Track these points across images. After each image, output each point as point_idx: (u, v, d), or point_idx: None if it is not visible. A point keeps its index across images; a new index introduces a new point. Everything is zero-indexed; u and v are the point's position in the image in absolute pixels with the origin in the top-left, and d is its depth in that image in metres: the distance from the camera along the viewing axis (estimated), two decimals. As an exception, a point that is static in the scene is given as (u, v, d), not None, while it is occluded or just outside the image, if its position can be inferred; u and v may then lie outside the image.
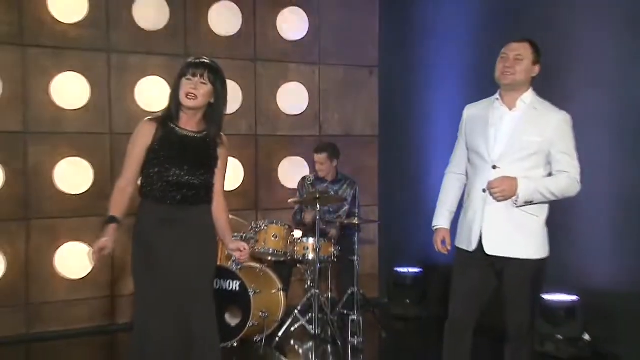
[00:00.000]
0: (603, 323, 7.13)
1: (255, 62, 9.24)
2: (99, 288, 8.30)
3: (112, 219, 4.63)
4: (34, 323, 8.06)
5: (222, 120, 4.90)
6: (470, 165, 5.20)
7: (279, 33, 9.38)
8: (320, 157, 8.35)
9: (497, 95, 5.11)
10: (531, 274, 4.96)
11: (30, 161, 8.03)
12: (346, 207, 8.32)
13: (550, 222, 4.99)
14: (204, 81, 4.67)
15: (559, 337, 7.12)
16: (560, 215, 6.94)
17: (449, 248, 5.29)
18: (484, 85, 5.40)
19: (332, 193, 8.24)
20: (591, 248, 7.29)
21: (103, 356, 7.96)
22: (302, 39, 9.52)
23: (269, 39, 9.33)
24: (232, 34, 9.07)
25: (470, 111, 5.27)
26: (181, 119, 4.76)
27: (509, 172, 4.84)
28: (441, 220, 5.30)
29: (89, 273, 7.98)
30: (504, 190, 4.76)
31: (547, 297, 7.22)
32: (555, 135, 4.89)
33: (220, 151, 4.90)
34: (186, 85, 4.66)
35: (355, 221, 7.94)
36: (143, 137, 4.72)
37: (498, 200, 4.83)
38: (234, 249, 5.05)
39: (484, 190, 4.90)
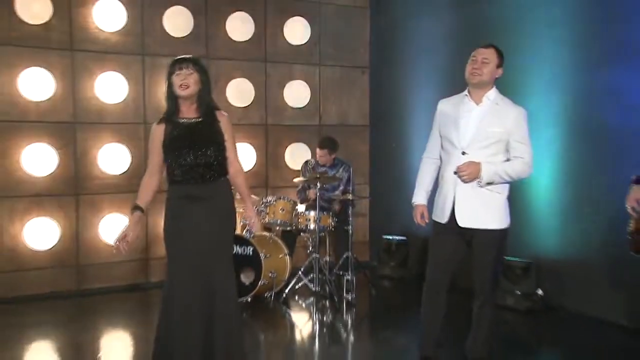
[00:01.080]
0: (552, 281, 7.35)
1: (265, 63, 9.32)
2: (135, 252, 8.33)
3: (137, 208, 4.74)
4: (83, 281, 8.26)
5: (210, 99, 4.91)
6: (443, 151, 5.26)
7: (285, 39, 9.45)
8: (322, 152, 8.39)
9: (466, 92, 5.18)
10: (495, 242, 5.07)
11: (79, 147, 8.17)
12: (342, 187, 8.33)
13: (512, 199, 5.10)
14: (190, 72, 4.71)
15: (517, 292, 7.34)
16: (520, 194, 7.23)
17: (427, 221, 5.36)
18: (456, 84, 5.48)
19: (330, 175, 8.27)
20: (544, 220, 7.48)
21: (139, 308, 7.92)
22: (304, 44, 9.57)
23: (277, 43, 9.40)
24: (246, 39, 9.15)
25: (443, 105, 5.34)
26: (181, 111, 4.80)
27: (475, 157, 4.95)
28: (419, 197, 5.38)
29: (125, 250, 8.07)
30: (470, 173, 4.89)
31: (508, 259, 7.35)
32: (513, 127, 4.99)
33: (222, 125, 4.88)
34: (177, 79, 4.70)
35: (350, 197, 8.00)
36: (156, 138, 4.79)
37: (465, 182, 4.95)
38: (248, 217, 5.10)
39: (455, 173, 5.01)
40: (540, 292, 7.41)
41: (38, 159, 7.98)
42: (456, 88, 5.38)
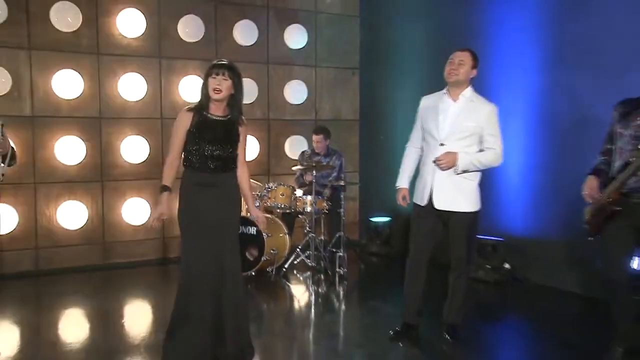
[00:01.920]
0: (518, 256, 7.50)
1: (268, 65, 9.37)
2: (154, 231, 8.43)
3: (165, 188, 4.71)
4: (108, 256, 8.38)
5: (241, 105, 4.86)
6: (424, 142, 5.34)
7: (285, 43, 9.50)
8: (317, 137, 8.43)
9: (445, 90, 5.28)
10: (468, 222, 5.20)
11: (104, 139, 8.27)
12: (335, 174, 8.35)
13: (485, 185, 5.23)
14: (225, 78, 4.67)
15: (488, 266, 7.48)
16: (492, 180, 7.36)
17: (408, 202, 5.45)
18: (436, 82, 5.53)
19: (324, 163, 8.31)
20: (512, 204, 7.61)
21: (158, 281, 7.94)
22: (302, 47, 9.62)
23: (278, 47, 9.45)
24: (250, 44, 9.20)
25: (425, 102, 5.42)
26: (211, 107, 4.75)
27: (452, 148, 5.07)
28: (402, 182, 5.47)
29: (147, 221, 8.08)
30: (447, 162, 5.03)
31: (480, 237, 7.35)
32: (486, 122, 5.11)
33: (241, 129, 4.86)
34: (212, 83, 4.67)
35: (342, 183, 8.06)
36: (183, 123, 4.73)
37: (443, 169, 5.08)
38: (255, 216, 5.20)
39: (434, 162, 5.13)
40: (507, 266, 7.52)
41: (69, 150, 8.07)
42: (436, 86, 5.45)
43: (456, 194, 5.17)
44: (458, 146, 5.11)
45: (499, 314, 6.65)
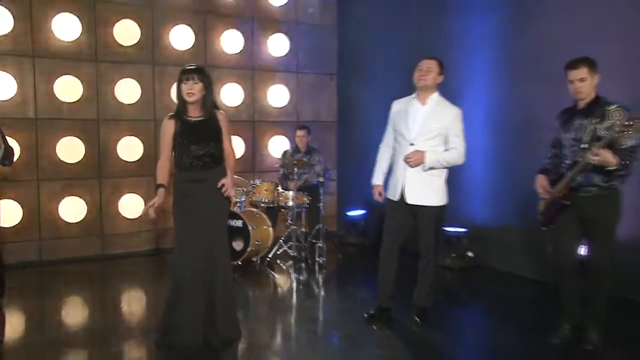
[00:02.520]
0: (480, 245, 7.61)
1: (253, 71, 9.38)
2: (148, 224, 8.45)
3: (160, 185, 4.74)
4: (106, 247, 8.38)
5: (213, 103, 4.88)
6: (396, 142, 5.42)
7: (269, 51, 9.50)
8: (301, 132, 8.52)
9: (414, 95, 5.38)
10: (436, 215, 5.32)
11: (101, 139, 8.26)
12: (318, 167, 8.35)
13: (451, 181, 5.32)
14: (195, 82, 4.69)
15: (453, 255, 7.59)
16: (457, 176, 7.41)
17: (384, 197, 5.54)
18: (406, 87, 5.58)
19: (307, 159, 8.34)
20: (475, 197, 7.72)
21: (152, 269, 7.94)
22: (284, 55, 9.63)
23: (262, 55, 9.46)
24: (237, 51, 9.21)
25: (396, 105, 5.50)
26: (188, 110, 4.77)
27: (421, 147, 5.18)
28: (378, 179, 5.55)
29: (142, 215, 7.86)
30: (416, 160, 5.14)
31: (446, 229, 7.50)
32: (450, 123, 5.23)
33: (221, 122, 4.88)
34: (185, 88, 4.69)
35: (321, 180, 8.10)
36: (168, 130, 4.79)
37: (412, 167, 5.19)
38: (231, 195, 5.00)
39: (404, 159, 5.24)
40: (470, 254, 7.64)
41: (69, 149, 8.07)
42: (406, 91, 5.53)
43: (426, 190, 5.26)
44: (426, 146, 5.21)
45: (463, 298, 6.72)
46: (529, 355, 4.91)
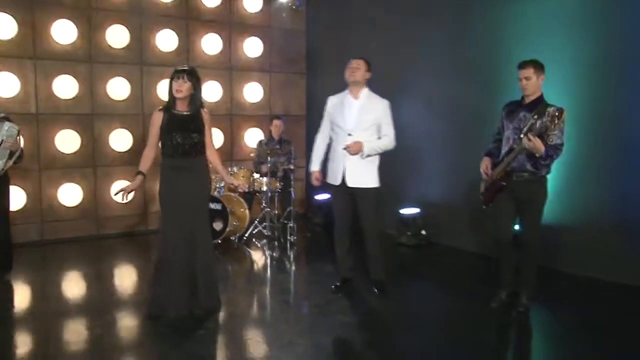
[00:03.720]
0: (433, 224, 7.70)
1: (231, 70, 9.38)
2: (137, 207, 8.55)
3: (139, 172, 4.81)
4: (100, 228, 8.38)
5: (200, 101, 4.89)
6: (333, 132, 5.47)
7: (245, 52, 9.50)
8: (278, 122, 8.47)
9: (347, 91, 5.45)
10: (373, 196, 5.38)
11: (95, 131, 8.24)
12: (291, 157, 8.23)
13: (407, 166, 5.38)
14: (185, 81, 4.72)
15: (408, 233, 7.65)
16: (414, 161, 7.55)
17: (320, 183, 5.60)
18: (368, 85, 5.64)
19: (278, 147, 8.33)
20: (429, 179, 7.83)
21: (140, 248, 7.90)
22: (259, 56, 9.62)
23: (239, 56, 9.46)
24: (216, 53, 9.20)
25: (332, 100, 5.56)
26: (177, 105, 4.81)
27: (358, 137, 5.24)
28: (315, 166, 5.60)
29: (132, 199, 8.01)
30: (355, 149, 5.19)
31: (402, 209, 7.72)
32: (382, 114, 5.32)
33: (205, 119, 4.89)
34: (175, 85, 4.73)
35: (292, 167, 8.14)
36: (156, 121, 4.81)
37: (352, 155, 5.24)
38: (231, 183, 5.21)
39: (344, 149, 5.27)
40: (424, 232, 7.70)
41: (67, 141, 8.05)
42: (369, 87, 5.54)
43: (363, 174, 5.33)
44: (363, 135, 5.27)
45: (416, 271, 6.76)
46: (471, 317, 5.05)
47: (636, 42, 5.66)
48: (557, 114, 4.49)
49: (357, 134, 5.29)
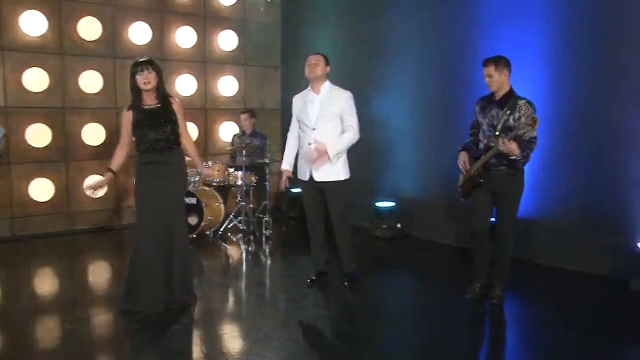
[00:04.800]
0: (408, 217, 7.74)
1: (205, 64, 9.34)
2: (110, 202, 8.48)
3: (109, 170, 4.79)
4: (73, 223, 8.29)
5: (164, 89, 4.85)
6: (300, 129, 5.49)
7: (219, 46, 9.48)
8: (244, 116, 8.46)
9: (309, 87, 5.45)
10: (341, 189, 5.37)
11: (67, 126, 8.16)
12: (260, 152, 8.31)
13: (383, 160, 5.37)
14: (150, 72, 4.68)
15: (384, 226, 7.67)
16: (389, 156, 7.61)
17: (289, 185, 5.70)
18: (342, 79, 5.78)
19: (251, 142, 8.23)
20: (404, 175, 7.85)
21: (114, 243, 7.85)
22: (234, 49, 9.60)
23: (213, 49, 9.43)
24: (190, 46, 9.15)
25: (296, 99, 5.58)
26: (144, 99, 4.76)
27: (322, 130, 5.26)
28: (286, 165, 5.60)
29: (105, 194, 8.08)
30: (321, 158, 5.19)
31: (377, 202, 7.75)
32: (344, 105, 5.29)
33: (175, 108, 4.85)
34: (141, 78, 4.67)
35: (266, 161, 8.13)
36: (126, 121, 4.77)
37: (318, 164, 5.23)
38: (207, 174, 5.28)
39: (309, 144, 5.30)
40: (399, 225, 7.73)
41: (38, 135, 7.94)
42: (341, 82, 5.57)
43: (330, 168, 5.32)
44: (326, 128, 5.28)
45: (392, 263, 6.81)
46: (446, 308, 5.10)
47: (608, 35, 5.75)
48: (529, 122, 4.58)
49: (320, 127, 5.31)
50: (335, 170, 5.34)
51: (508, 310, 5.05)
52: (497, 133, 4.77)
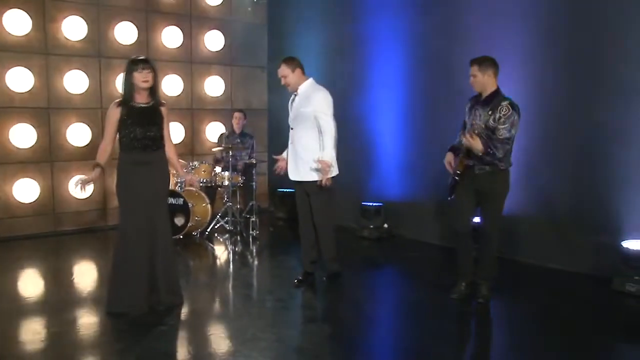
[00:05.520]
0: (395, 217, 7.76)
1: (191, 64, 9.33)
2: (96, 202, 8.44)
3: (98, 165, 4.74)
4: (58, 224, 8.24)
5: (159, 92, 4.93)
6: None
7: (205, 46, 9.47)
8: (239, 115, 8.53)
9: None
10: (319, 188, 5.31)
11: (52, 126, 8.10)
12: (249, 152, 8.40)
13: (370, 161, 5.38)
14: (149, 71, 4.69)
15: (371, 226, 7.69)
16: (376, 156, 7.65)
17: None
18: (329, 79, 5.86)
19: (239, 142, 8.31)
20: (391, 175, 7.87)
21: (99, 244, 7.78)
22: (220, 50, 9.60)
23: (200, 49, 9.42)
24: (176, 46, 9.15)
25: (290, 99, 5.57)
26: (136, 97, 4.73)
27: (297, 131, 5.32)
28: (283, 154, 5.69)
29: (91, 195, 7.97)
30: (327, 175, 5.17)
31: (364, 203, 7.76)
32: (317, 104, 5.25)
33: (163, 111, 4.86)
34: (140, 76, 4.66)
35: (254, 161, 8.16)
36: (114, 115, 4.71)
37: (329, 182, 5.23)
38: (187, 179, 5.31)
39: (291, 143, 5.39)
40: (386, 225, 7.77)
41: (22, 135, 7.88)
42: (329, 83, 5.65)
43: (304, 167, 5.36)
44: (301, 128, 5.32)
45: (379, 263, 6.86)
46: (432, 308, 5.12)
47: (593, 35, 5.79)
48: (503, 109, 4.64)
49: (296, 127, 5.37)
50: (309, 170, 5.35)
51: (494, 309, 5.08)
52: (476, 131, 4.81)
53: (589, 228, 5.85)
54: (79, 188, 4.71)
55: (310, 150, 5.31)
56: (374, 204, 7.83)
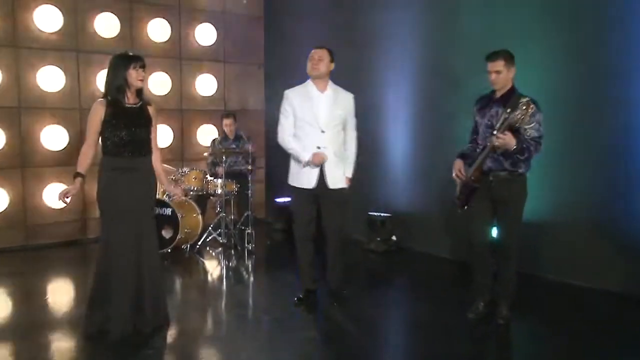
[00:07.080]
0: (403, 229, 7.81)
1: (180, 60, 9.36)
2: (74, 214, 8.42)
3: (78, 174, 4.63)
4: (30, 237, 8.21)
5: (145, 91, 4.88)
6: (300, 129, 5.40)
7: (196, 40, 9.51)
8: (228, 121, 8.55)
9: (310, 83, 5.42)
10: (346, 196, 5.50)
11: (23, 128, 8.08)
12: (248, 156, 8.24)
13: (377, 171, 5.44)
14: (144, 70, 4.73)
15: (378, 239, 7.75)
16: (383, 166, 7.65)
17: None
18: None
19: (234, 147, 8.38)
20: (398, 185, 7.92)
21: (78, 259, 7.78)
22: (212, 44, 9.64)
23: (190, 44, 9.46)
24: (164, 40, 9.17)
25: (293, 94, 5.46)
26: (125, 96, 4.68)
27: (330, 134, 5.33)
28: (307, 155, 5.35)
29: (68, 204, 7.98)
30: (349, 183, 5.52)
31: (371, 214, 7.82)
32: (350, 108, 5.46)
33: (151, 112, 4.85)
34: (137, 74, 4.65)
35: (250, 167, 8.07)
36: (98, 114, 4.63)
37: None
38: (170, 191, 5.31)
39: (319, 147, 5.31)
40: (394, 237, 7.83)
41: (-12, 139, 7.85)
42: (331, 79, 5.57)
43: (340, 173, 5.47)
44: (334, 132, 5.39)
45: (387, 278, 6.88)
46: (448, 329, 5.07)
47: (614, 31, 5.76)
48: (524, 107, 4.56)
49: (329, 131, 5.37)
50: (342, 179, 5.50)
51: (515, 330, 5.03)
52: (494, 132, 4.75)
53: (620, 240, 5.78)
54: (60, 199, 4.68)
55: (341, 156, 5.47)
56: (381, 214, 7.86)
